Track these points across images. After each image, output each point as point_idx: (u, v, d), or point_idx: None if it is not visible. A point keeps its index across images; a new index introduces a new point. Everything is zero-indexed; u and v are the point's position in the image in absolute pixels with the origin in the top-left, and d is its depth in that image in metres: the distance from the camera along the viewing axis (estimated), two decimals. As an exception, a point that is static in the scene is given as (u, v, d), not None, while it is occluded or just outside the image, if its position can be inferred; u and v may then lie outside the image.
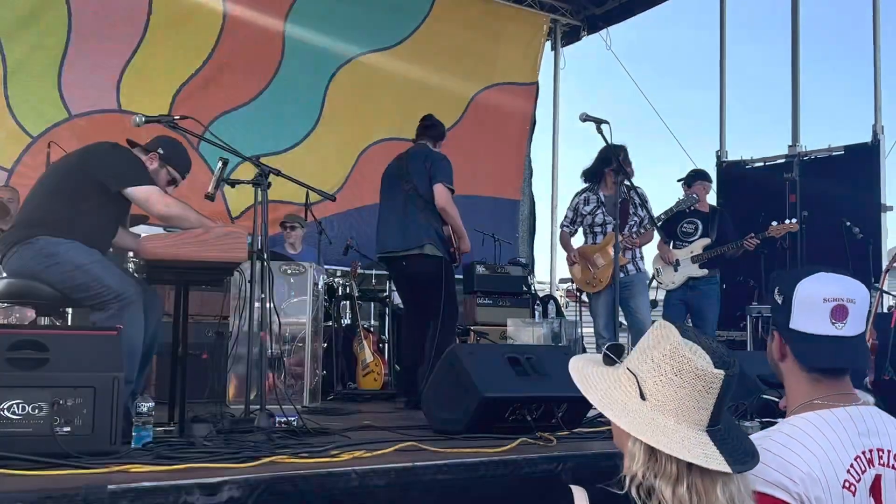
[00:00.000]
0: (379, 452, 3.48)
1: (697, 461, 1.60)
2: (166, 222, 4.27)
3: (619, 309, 6.46)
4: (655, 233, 6.95)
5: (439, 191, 6.17)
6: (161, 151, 4.49)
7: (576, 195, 7.04)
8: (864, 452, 1.90)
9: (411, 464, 3.28)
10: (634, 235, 6.81)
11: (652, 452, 1.63)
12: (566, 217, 7.09)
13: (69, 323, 5.86)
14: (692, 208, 7.50)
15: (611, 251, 6.52)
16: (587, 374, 1.77)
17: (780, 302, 2.02)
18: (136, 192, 4.22)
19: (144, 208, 4.31)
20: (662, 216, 7.14)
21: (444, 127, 6.76)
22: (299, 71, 9.86)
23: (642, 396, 1.67)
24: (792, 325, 1.98)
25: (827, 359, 1.96)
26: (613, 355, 1.77)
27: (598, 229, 6.91)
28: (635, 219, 6.87)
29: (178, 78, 9.04)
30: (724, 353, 1.67)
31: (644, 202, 6.82)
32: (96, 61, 8.56)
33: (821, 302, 1.96)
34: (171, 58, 9.01)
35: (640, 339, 1.76)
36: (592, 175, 6.97)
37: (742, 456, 1.66)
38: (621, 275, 6.61)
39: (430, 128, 6.66)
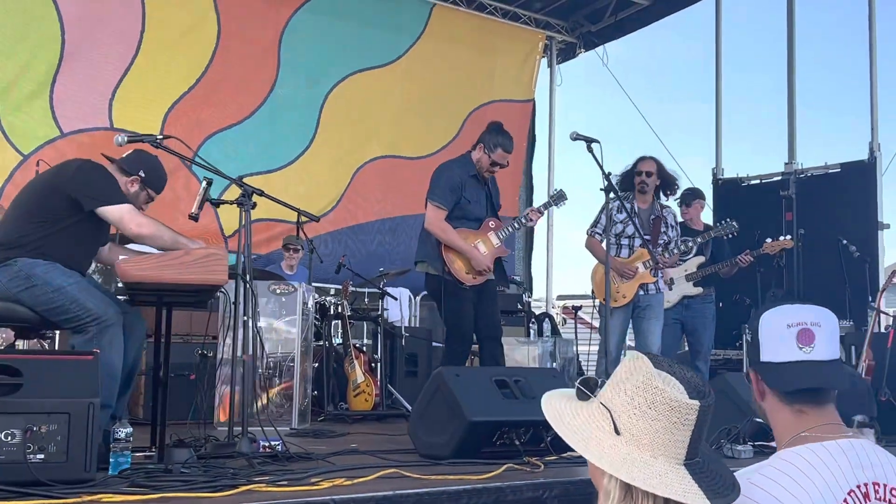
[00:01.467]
0: (360, 480, 3.41)
1: (676, 496, 1.54)
2: (140, 241, 4.20)
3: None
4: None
5: (426, 210, 5.94)
6: (143, 175, 4.43)
7: (609, 201, 6.72)
8: (858, 487, 1.84)
9: (392, 492, 3.21)
10: (668, 255, 6.64)
11: (628, 489, 1.57)
12: (598, 222, 6.62)
13: (56, 345, 5.80)
14: (684, 224, 7.47)
15: (640, 268, 6.48)
16: (560, 410, 1.71)
17: (749, 340, 1.99)
18: (110, 211, 4.15)
19: (118, 227, 4.26)
20: (699, 240, 7.13)
21: (486, 131, 6.10)
22: (294, 89, 9.85)
23: (617, 431, 1.61)
24: (762, 359, 1.94)
25: (800, 380, 1.90)
26: (586, 389, 1.71)
27: (625, 241, 6.62)
28: (665, 238, 6.68)
29: (171, 95, 9.02)
30: (699, 383, 1.61)
31: (676, 223, 6.81)
32: (89, 79, 8.54)
33: (785, 328, 1.92)
34: (165, 75, 8.99)
35: (614, 372, 1.71)
36: (624, 183, 6.68)
37: (722, 489, 1.60)
38: (641, 293, 6.56)
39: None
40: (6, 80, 8.11)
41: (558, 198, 6.36)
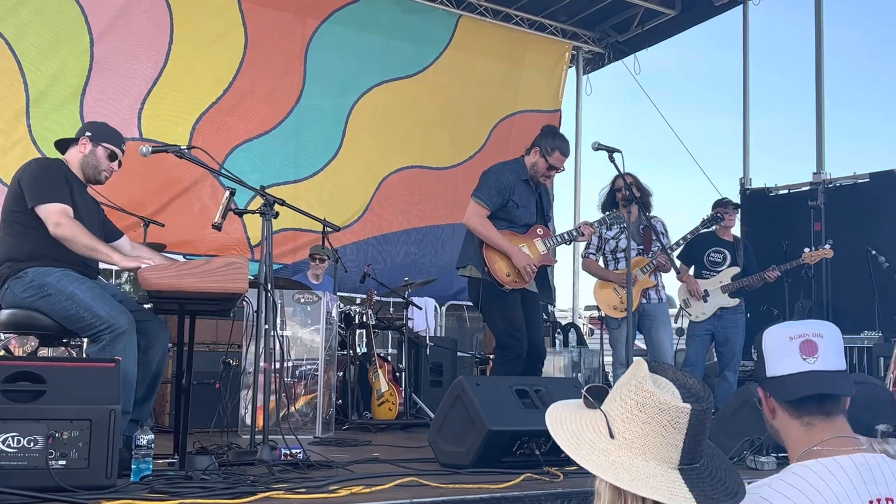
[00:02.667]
0: (378, 488, 3.42)
1: (661, 498, 1.53)
2: (61, 242, 4.12)
3: (641, 337, 6.39)
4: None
5: (468, 207, 5.77)
6: (89, 133, 4.40)
7: (596, 221, 6.80)
8: (870, 503, 1.82)
9: (409, 501, 3.21)
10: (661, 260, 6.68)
11: (618, 491, 1.58)
12: (590, 244, 6.83)
13: (84, 353, 5.86)
14: (714, 234, 7.47)
15: (638, 274, 6.51)
16: (563, 416, 1.72)
17: (756, 358, 1.99)
18: (40, 210, 4.10)
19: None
20: (689, 236, 7.13)
21: (541, 135, 5.87)
22: (321, 99, 9.89)
23: (611, 435, 1.61)
24: (768, 374, 1.95)
25: (805, 388, 1.91)
26: (592, 397, 1.71)
27: (620, 255, 6.75)
28: (658, 244, 6.72)
29: (200, 106, 9.10)
30: (697, 388, 1.61)
31: (665, 231, 6.85)
32: (118, 91, 8.63)
33: (787, 341, 1.93)
34: (193, 87, 9.07)
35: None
36: (610, 204, 6.72)
37: (718, 495, 1.59)
38: (644, 301, 6.65)
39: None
40: (37, 90, 8.21)
41: (615, 219, 6.24)
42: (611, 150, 5.41)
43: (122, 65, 8.65)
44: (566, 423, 1.69)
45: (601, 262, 6.94)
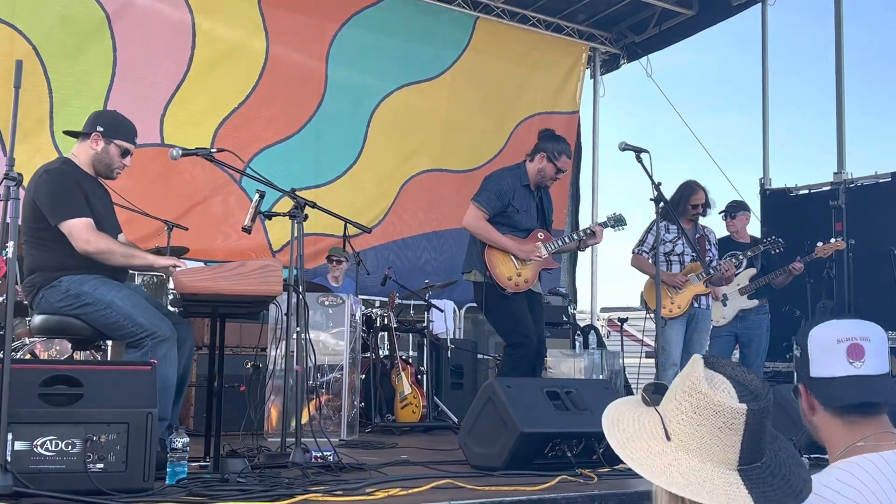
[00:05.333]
0: (415, 490, 3.41)
1: (717, 503, 1.51)
2: (93, 257, 4.07)
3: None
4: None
5: (468, 211, 5.88)
6: (101, 129, 4.32)
7: (654, 222, 6.78)
8: None
9: (447, 502, 3.21)
10: (723, 265, 6.85)
11: (677, 496, 1.55)
12: (645, 242, 6.86)
13: (109, 356, 5.88)
14: (730, 238, 7.51)
15: (693, 279, 6.66)
16: (620, 415, 1.70)
17: (798, 355, 1.98)
18: (63, 227, 4.06)
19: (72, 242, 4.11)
20: (749, 253, 7.28)
21: (544, 140, 5.98)
22: (342, 104, 9.88)
23: (667, 437, 1.59)
24: (812, 374, 1.95)
25: (851, 395, 1.90)
26: (648, 395, 1.69)
27: (674, 258, 6.86)
28: (710, 255, 6.91)
29: (221, 112, 9.09)
30: (755, 385, 1.57)
31: (716, 242, 7.09)
32: (140, 97, 8.63)
33: (835, 343, 1.92)
34: (215, 93, 9.07)
35: None
36: (675, 206, 6.75)
37: (781, 496, 1.57)
38: (695, 305, 6.75)
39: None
40: (61, 97, 8.22)
41: (617, 221, 6.26)
42: (638, 150, 5.38)
43: (145, 71, 8.66)
44: (622, 424, 1.67)
45: (651, 261, 6.95)
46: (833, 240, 7.44)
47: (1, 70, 7.76)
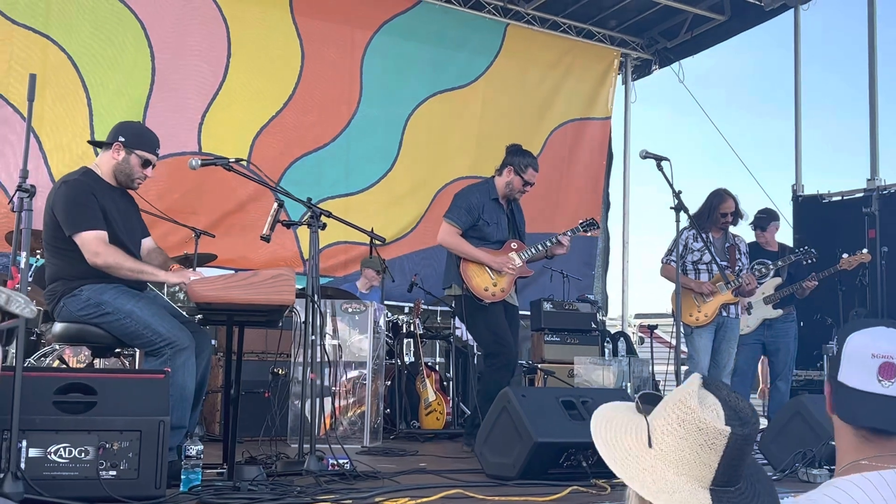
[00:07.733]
0: (424, 500, 3.42)
1: None
2: (103, 270, 4.09)
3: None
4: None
5: (440, 228, 6.04)
6: (123, 139, 4.35)
7: (683, 230, 6.64)
8: None
9: (455, 513, 3.21)
10: (746, 276, 6.75)
11: (645, 500, 1.56)
12: (672, 252, 6.73)
13: (136, 364, 5.95)
14: (758, 245, 7.44)
15: (722, 288, 6.60)
16: (612, 416, 1.71)
17: (835, 352, 1.93)
18: (76, 239, 4.10)
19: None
20: (780, 263, 7.21)
21: (511, 154, 6.18)
22: (377, 112, 9.91)
23: (650, 444, 1.60)
24: (840, 378, 1.88)
25: (869, 417, 1.85)
26: (644, 404, 1.70)
27: (702, 267, 6.78)
28: (739, 264, 6.84)
29: (259, 120, 9.15)
30: (745, 412, 1.58)
31: (747, 251, 6.97)
32: (178, 105, 8.71)
33: (869, 357, 1.86)
34: (252, 101, 9.13)
35: None
36: (703, 217, 6.81)
37: None
38: (723, 314, 6.69)
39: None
40: (100, 105, 8.32)
41: (589, 225, 6.38)
42: (659, 159, 5.36)
43: (182, 79, 8.74)
44: (611, 425, 1.68)
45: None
46: (859, 252, 7.32)
47: (39, 81, 7.88)
